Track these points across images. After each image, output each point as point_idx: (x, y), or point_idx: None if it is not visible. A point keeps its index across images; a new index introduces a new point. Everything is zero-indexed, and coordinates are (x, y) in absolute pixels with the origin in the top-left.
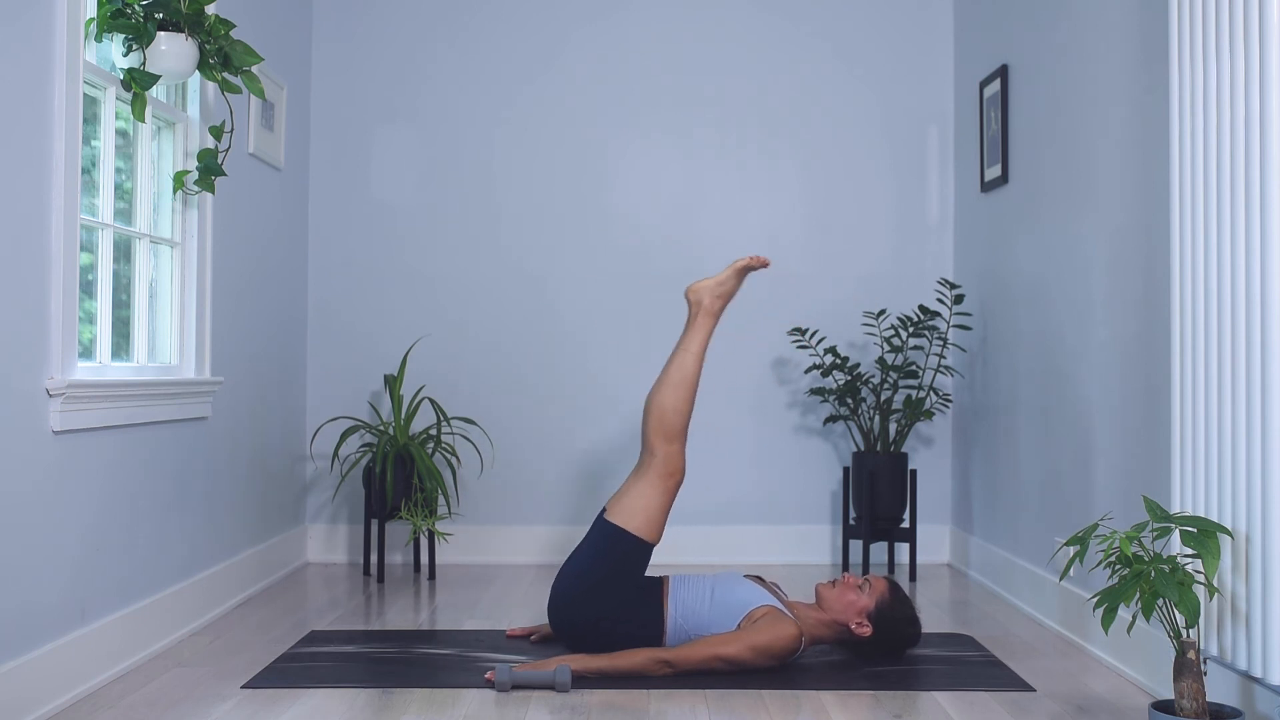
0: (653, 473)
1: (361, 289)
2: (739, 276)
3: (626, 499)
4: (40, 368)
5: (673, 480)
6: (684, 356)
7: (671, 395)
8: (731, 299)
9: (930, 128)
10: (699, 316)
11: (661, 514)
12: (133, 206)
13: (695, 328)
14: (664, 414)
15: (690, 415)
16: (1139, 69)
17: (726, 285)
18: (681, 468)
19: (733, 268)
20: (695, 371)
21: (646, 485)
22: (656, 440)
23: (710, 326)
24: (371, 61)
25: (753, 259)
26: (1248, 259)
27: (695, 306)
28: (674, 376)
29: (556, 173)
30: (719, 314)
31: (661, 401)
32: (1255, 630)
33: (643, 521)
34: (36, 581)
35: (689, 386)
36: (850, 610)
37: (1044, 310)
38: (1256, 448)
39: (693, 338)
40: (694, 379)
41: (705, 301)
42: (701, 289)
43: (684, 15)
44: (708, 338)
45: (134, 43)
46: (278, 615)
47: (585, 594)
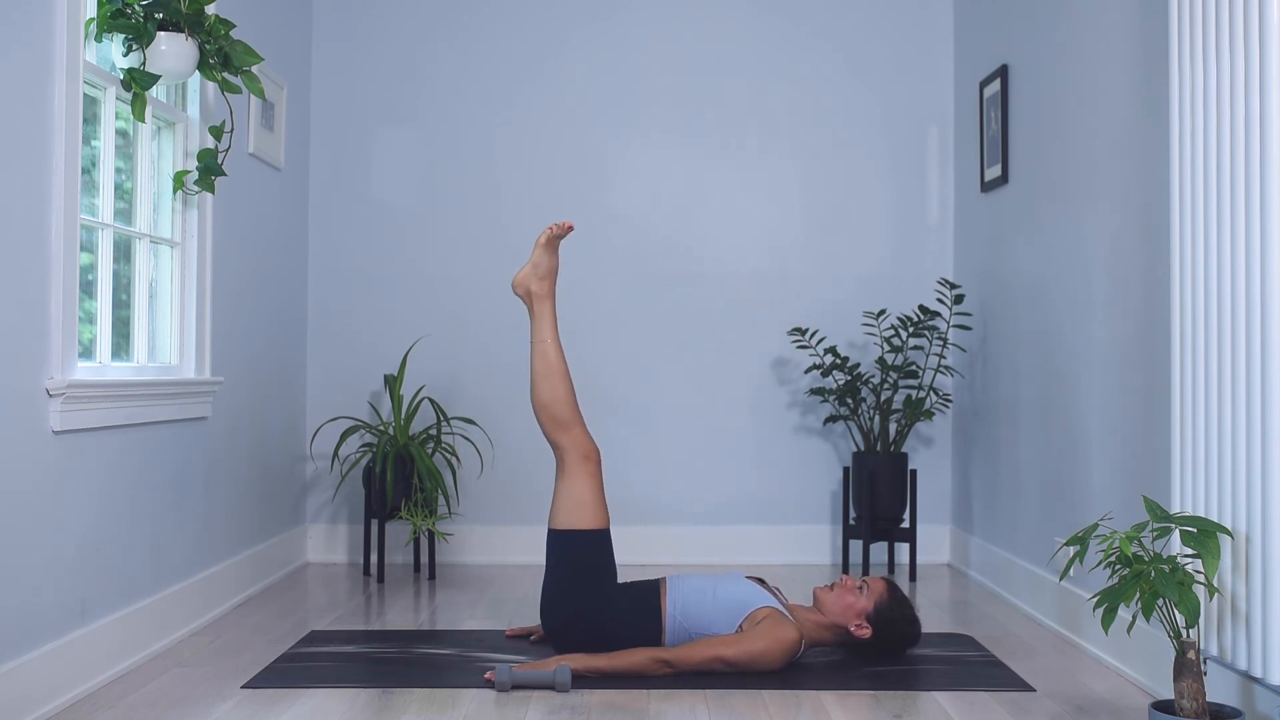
0: (568, 465)
1: (361, 289)
2: (550, 250)
3: (559, 502)
4: (40, 368)
5: (590, 463)
6: (541, 348)
7: (545, 388)
8: (556, 273)
9: (930, 128)
10: (535, 305)
11: (597, 498)
12: (133, 206)
13: (538, 316)
14: (548, 408)
15: (573, 398)
16: (1139, 69)
17: (543, 265)
18: (592, 447)
19: (538, 245)
20: (558, 357)
21: (570, 480)
22: (556, 434)
23: (550, 309)
24: (371, 61)
25: (552, 227)
26: (1248, 259)
27: (527, 297)
28: (540, 370)
29: (556, 173)
30: (552, 294)
31: (540, 398)
32: (1255, 630)
33: (584, 514)
34: (36, 581)
35: (558, 373)
36: (849, 613)
37: (1044, 310)
38: (1256, 448)
39: (541, 326)
40: (560, 364)
41: (533, 288)
42: (523, 279)
43: (684, 15)
44: (553, 320)
45: (134, 43)
46: (278, 615)
47: (564, 596)
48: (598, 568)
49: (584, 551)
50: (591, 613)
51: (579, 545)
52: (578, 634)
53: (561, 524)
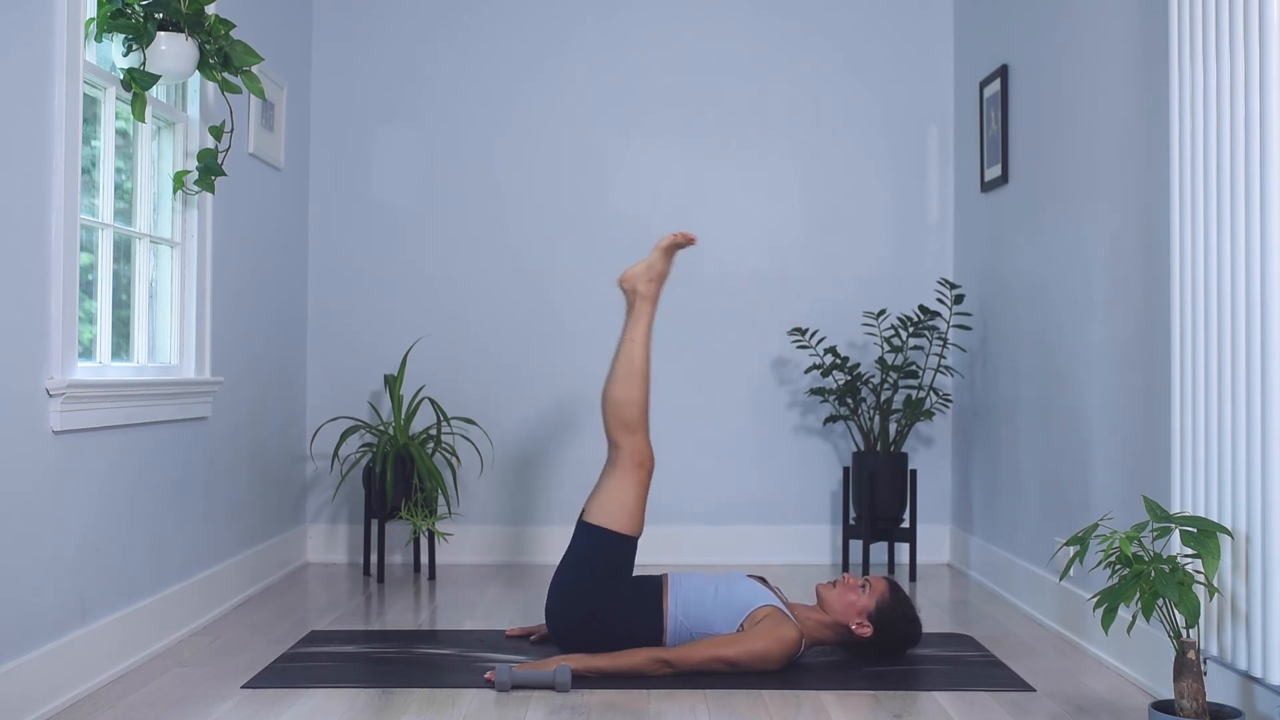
0: (621, 466)
1: (361, 289)
2: (667, 256)
3: (601, 497)
4: (40, 368)
5: (643, 470)
6: (629, 346)
7: (623, 387)
8: (665, 280)
9: (930, 128)
10: (637, 304)
11: (638, 505)
12: (133, 206)
13: (636, 315)
14: (619, 407)
15: (646, 403)
16: (1139, 69)
17: (656, 267)
18: (649, 456)
19: (658, 248)
20: (643, 359)
21: (618, 480)
22: (618, 434)
23: (650, 311)
24: (371, 61)
25: (677, 235)
26: (1248, 259)
27: (632, 294)
28: (622, 368)
29: (557, 172)
30: (656, 297)
31: (615, 395)
32: (1255, 630)
33: (622, 517)
34: (36, 581)
35: (640, 375)
36: (851, 611)
37: (1044, 310)
38: (1256, 448)
39: (635, 326)
40: (643, 367)
41: (640, 288)
42: (634, 276)
43: (684, 15)
44: (650, 323)
45: (134, 43)
46: (278, 615)
47: (580, 598)
48: (617, 571)
49: (612, 552)
50: (598, 610)
51: (609, 546)
52: (580, 629)
53: (598, 520)
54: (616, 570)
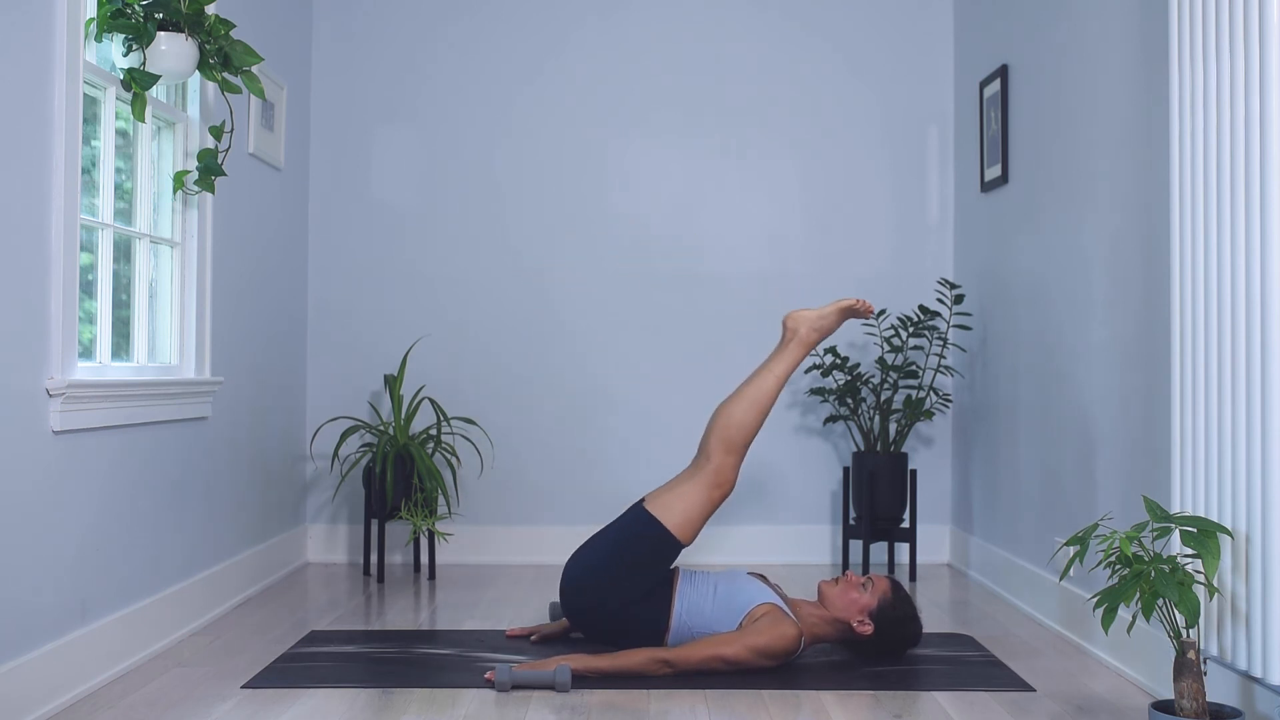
0: (703, 477)
1: (361, 289)
2: (840, 316)
3: (670, 495)
4: (40, 368)
5: (719, 491)
6: (766, 377)
7: (743, 410)
8: (826, 336)
9: (930, 128)
10: (791, 344)
11: (700, 519)
12: (133, 206)
13: (784, 353)
14: (730, 425)
15: (755, 434)
16: (1139, 69)
17: (826, 320)
18: (732, 481)
19: (836, 305)
20: (773, 394)
21: (693, 487)
22: (716, 448)
23: (800, 356)
24: (371, 61)
25: (858, 302)
26: (1248, 259)
27: (791, 334)
28: (751, 393)
29: (557, 172)
30: (812, 346)
31: (731, 412)
32: (1255, 630)
33: (680, 520)
34: (36, 581)
35: (762, 407)
36: (852, 608)
37: (1044, 310)
38: (1256, 448)
39: (780, 361)
40: (770, 401)
41: (802, 331)
42: (801, 319)
43: (684, 15)
44: (794, 366)
45: (134, 43)
46: (278, 615)
47: (606, 576)
48: (651, 566)
49: (655, 547)
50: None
51: (655, 538)
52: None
53: (658, 512)
54: (650, 566)
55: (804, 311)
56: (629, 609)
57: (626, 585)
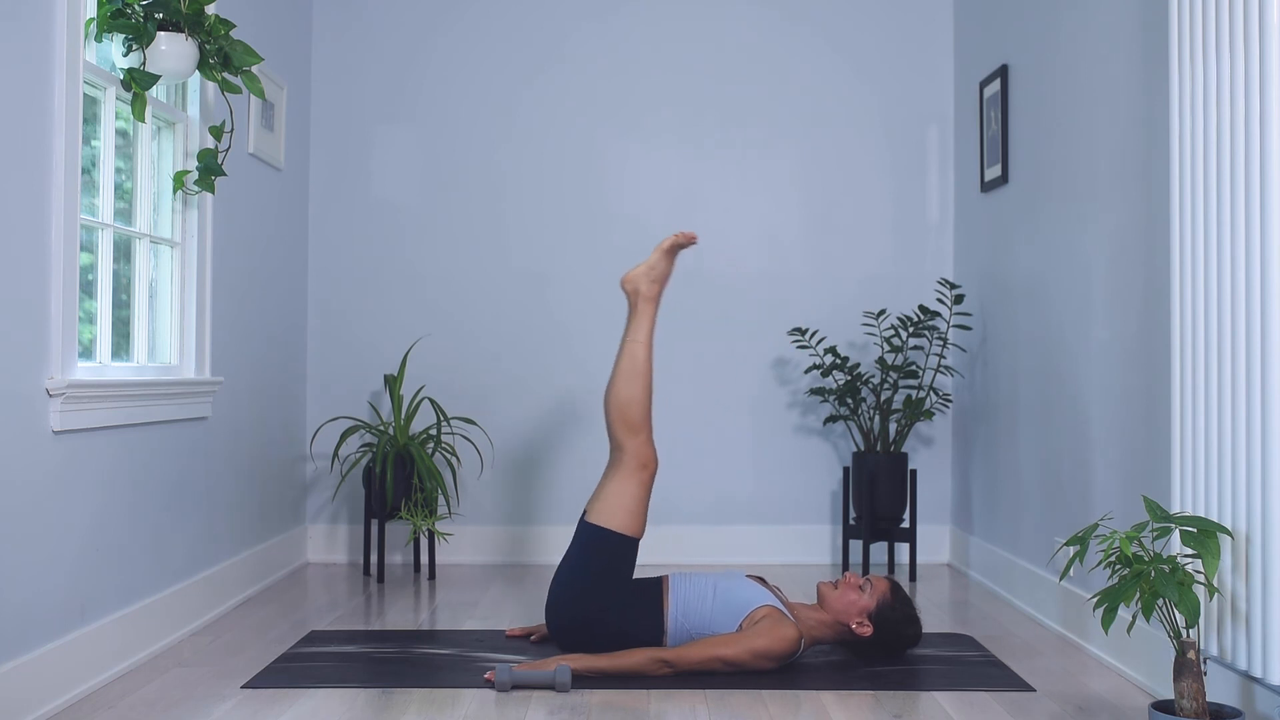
0: (625, 467)
1: (361, 289)
2: (669, 257)
3: (604, 498)
4: (40, 368)
5: (646, 471)
6: (632, 347)
7: (626, 388)
8: (667, 280)
9: (930, 128)
10: (639, 304)
11: (641, 506)
12: (133, 206)
13: (638, 316)
14: (622, 407)
15: (649, 404)
16: (1139, 69)
17: (658, 268)
18: (653, 457)
19: (659, 249)
20: (646, 360)
21: (621, 481)
22: (621, 434)
23: (652, 312)
24: (371, 61)
25: (679, 236)
26: (1248, 259)
27: (633, 295)
28: (625, 368)
29: (557, 172)
30: (658, 298)
31: (618, 395)
32: (1255, 630)
33: (624, 518)
34: (36, 581)
35: (642, 375)
36: (851, 610)
37: (1044, 310)
38: (1256, 448)
39: (638, 327)
40: (646, 368)
41: (642, 289)
42: (635, 277)
43: (684, 15)
44: (652, 324)
45: (134, 43)
46: (278, 615)
47: (579, 598)
48: (617, 571)
49: (614, 554)
50: (598, 610)
51: (609, 546)
52: (581, 628)
53: (600, 520)
54: (616, 571)
55: (635, 269)
56: (619, 620)
57: (605, 596)
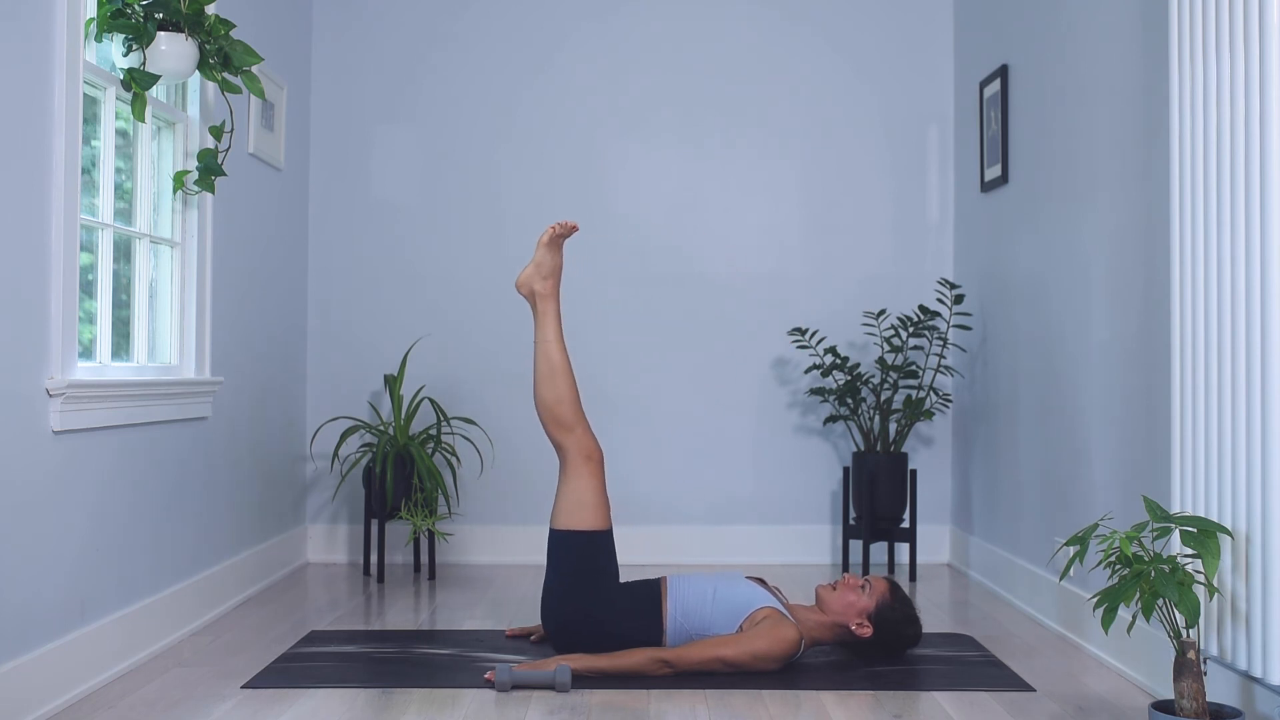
0: (571, 465)
1: (361, 289)
2: (553, 250)
3: (560, 502)
4: (40, 368)
5: (592, 462)
6: (545, 347)
7: (549, 389)
8: (560, 272)
9: (930, 128)
10: (539, 304)
11: (597, 499)
12: (133, 206)
13: (542, 316)
14: (551, 408)
15: (576, 398)
16: (1139, 69)
17: (546, 264)
18: (595, 447)
19: (540, 244)
20: (561, 357)
21: (570, 480)
22: (558, 434)
23: (554, 309)
24: (371, 61)
25: (555, 226)
26: (1248, 259)
27: (531, 297)
28: (543, 371)
29: (556, 172)
30: (555, 293)
31: (543, 398)
32: (1255, 630)
33: (583, 514)
34: (36, 581)
35: (561, 373)
36: (851, 611)
37: (1044, 310)
38: (1256, 448)
39: (544, 327)
40: (563, 365)
41: (537, 288)
42: (527, 279)
43: (684, 15)
44: (557, 320)
45: (134, 43)
46: (278, 615)
47: (565, 601)
48: (597, 568)
49: (584, 552)
50: (591, 613)
51: (578, 545)
52: (578, 634)
53: (561, 524)
54: (598, 568)
55: (524, 272)
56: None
57: (584, 593)
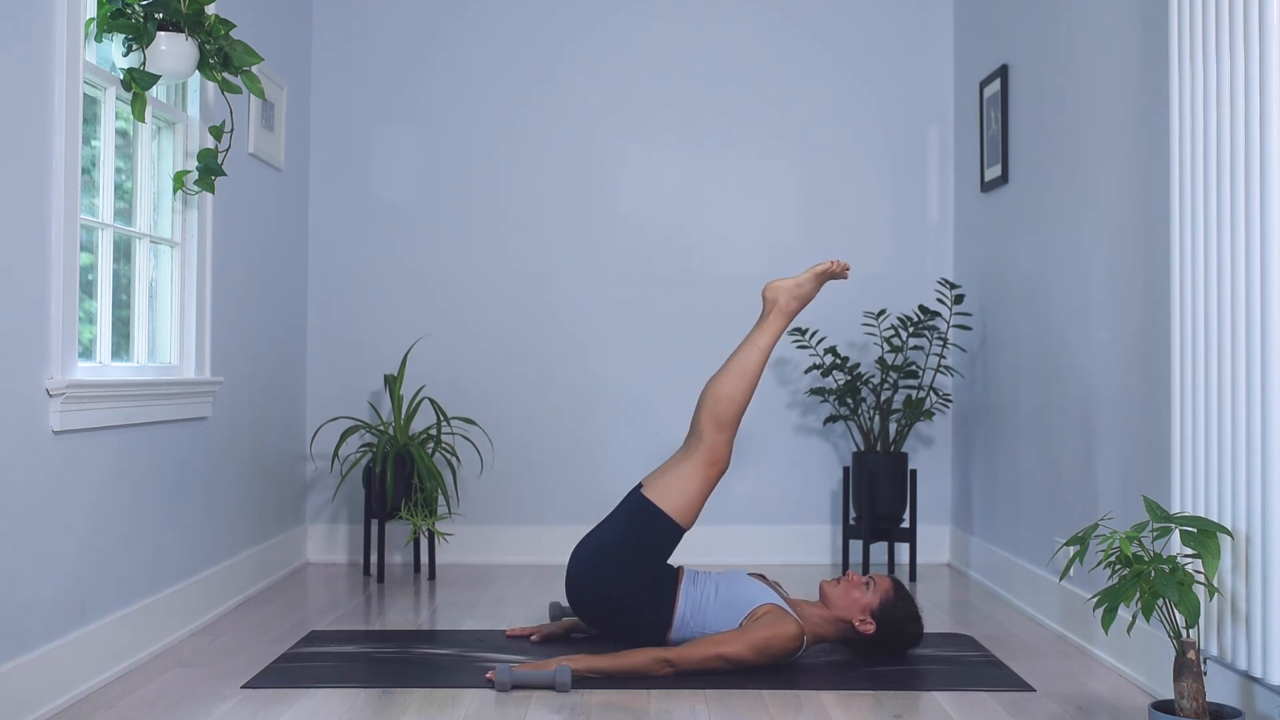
0: (698, 457)
1: (361, 289)
2: (817, 281)
3: (667, 478)
4: (40, 368)
5: (715, 469)
6: (750, 350)
7: (730, 384)
8: (808, 303)
9: (930, 128)
10: (772, 314)
11: (699, 500)
12: (133, 206)
13: (766, 325)
14: (719, 401)
15: (744, 408)
16: (1139, 69)
17: (804, 288)
18: (726, 457)
19: (811, 272)
20: (758, 366)
21: (689, 468)
22: (707, 425)
23: (782, 326)
24: (371, 61)
25: (833, 264)
26: (1248, 259)
27: (770, 305)
28: (736, 367)
29: (556, 172)
30: (792, 315)
31: (719, 388)
32: (1255, 630)
33: (680, 504)
34: (36, 581)
35: (749, 379)
36: (854, 608)
37: (1044, 310)
38: (1256, 448)
39: (762, 333)
40: (755, 373)
41: (781, 301)
42: (779, 288)
43: (684, 15)
44: (777, 336)
45: (134, 43)
46: (278, 615)
47: (611, 570)
48: (653, 553)
49: (658, 534)
50: (621, 584)
51: (658, 526)
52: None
53: (657, 498)
54: (653, 553)
55: (782, 281)
56: (634, 601)
57: (632, 576)
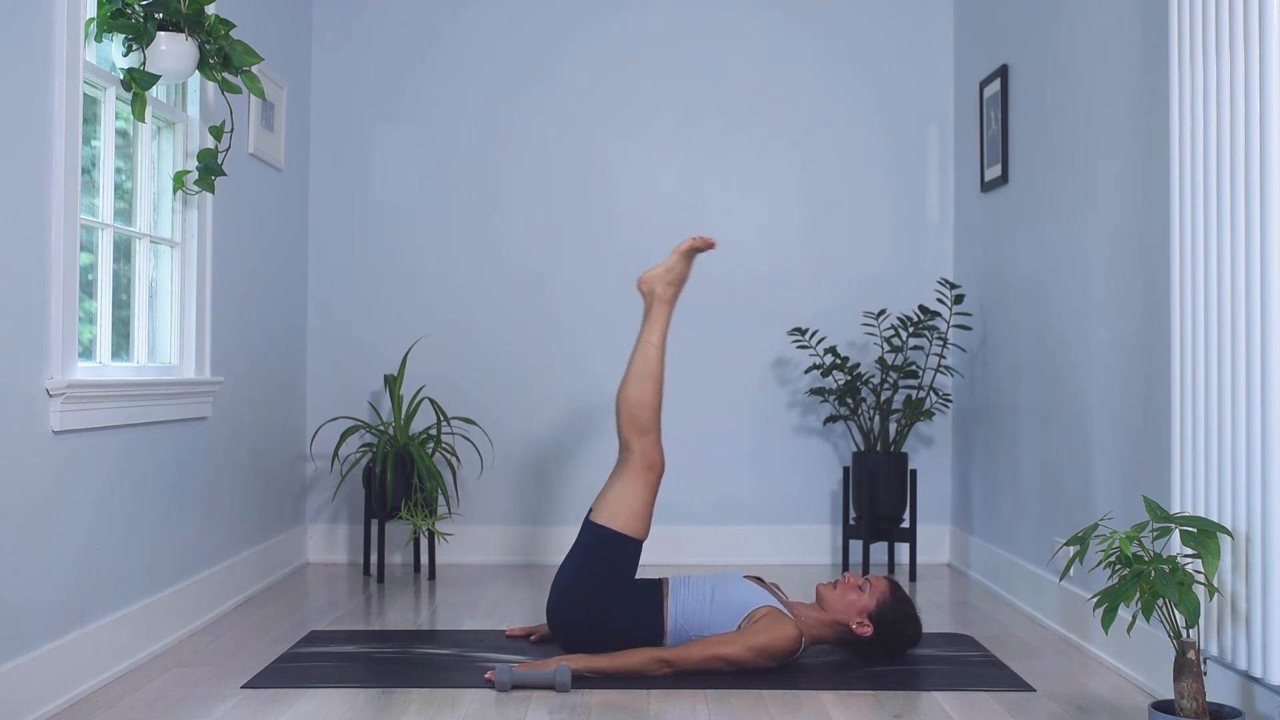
0: (631, 468)
1: (361, 289)
2: (687, 259)
3: (609, 498)
4: (40, 368)
5: (653, 473)
6: (645, 349)
7: (636, 389)
8: (684, 283)
9: (930, 128)
10: (654, 306)
11: (646, 509)
12: (133, 206)
13: (652, 318)
14: (632, 408)
15: (659, 406)
16: (1139, 69)
17: (675, 270)
18: (660, 459)
19: (678, 251)
20: (658, 362)
21: (627, 482)
22: (630, 434)
23: (667, 314)
24: (371, 61)
25: (696, 239)
26: (1248, 259)
27: (649, 297)
28: (638, 369)
29: (556, 173)
30: (674, 300)
31: (628, 396)
32: (1255, 630)
33: (628, 518)
34: (36, 581)
35: (654, 378)
36: (851, 610)
37: (1044, 310)
38: (1256, 448)
39: (652, 329)
40: (658, 370)
41: (658, 290)
42: (652, 278)
43: (684, 16)
44: (666, 326)
45: (134, 43)
46: (278, 615)
47: (582, 598)
48: (620, 572)
49: (616, 553)
50: (597, 609)
51: (614, 546)
52: (580, 628)
53: (604, 520)
54: (619, 571)
55: (652, 270)
56: (617, 622)
57: (607, 597)
